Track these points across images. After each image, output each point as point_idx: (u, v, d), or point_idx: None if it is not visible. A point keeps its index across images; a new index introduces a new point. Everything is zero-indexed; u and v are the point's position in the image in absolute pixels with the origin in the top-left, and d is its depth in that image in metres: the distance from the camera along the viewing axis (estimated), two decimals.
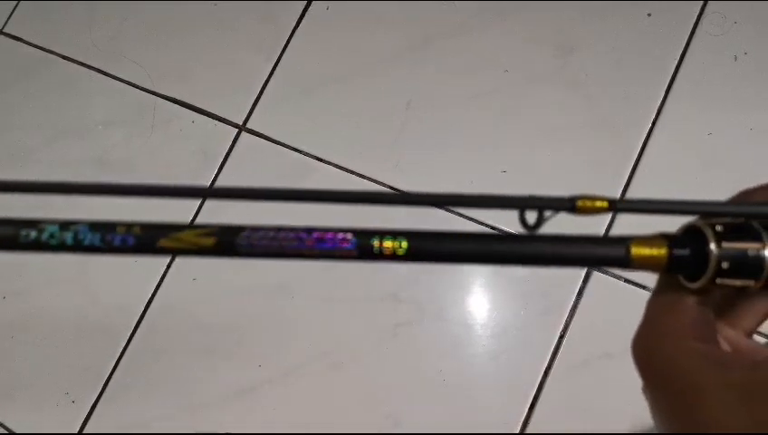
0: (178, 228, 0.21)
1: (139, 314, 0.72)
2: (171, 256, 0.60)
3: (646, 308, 0.23)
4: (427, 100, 0.73)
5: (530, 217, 0.21)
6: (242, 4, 0.80)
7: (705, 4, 0.69)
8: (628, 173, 0.67)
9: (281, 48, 0.78)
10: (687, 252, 0.20)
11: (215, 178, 0.75)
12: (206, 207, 0.72)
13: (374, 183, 0.71)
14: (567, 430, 0.61)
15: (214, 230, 0.21)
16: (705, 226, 0.20)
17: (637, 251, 0.20)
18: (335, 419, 0.65)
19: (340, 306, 0.68)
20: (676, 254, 0.20)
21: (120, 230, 0.21)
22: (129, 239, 0.20)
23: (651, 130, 0.67)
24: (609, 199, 0.21)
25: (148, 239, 0.21)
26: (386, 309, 0.67)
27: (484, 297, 0.66)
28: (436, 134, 0.72)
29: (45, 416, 0.70)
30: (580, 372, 0.63)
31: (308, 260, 0.21)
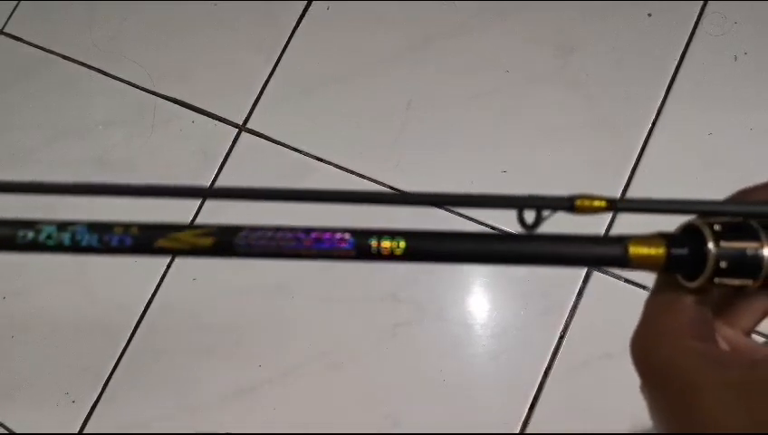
0: (176, 229, 0.21)
1: (138, 314, 0.72)
2: (170, 256, 0.61)
3: (644, 307, 0.23)
4: (427, 100, 0.73)
5: (528, 217, 0.21)
6: (242, 4, 0.80)
7: (705, 4, 0.69)
8: (629, 173, 0.67)
9: (281, 48, 0.78)
10: (686, 251, 0.20)
11: (215, 179, 0.75)
12: (206, 208, 0.72)
13: (374, 183, 0.71)
14: (567, 430, 0.61)
15: (212, 230, 0.21)
16: (704, 225, 0.20)
17: (635, 250, 0.20)
18: (334, 419, 0.65)
19: (340, 306, 0.68)
20: (675, 253, 0.20)
21: (118, 231, 0.21)
22: (127, 240, 0.20)
23: (651, 130, 0.67)
24: (608, 199, 0.21)
25: (146, 240, 0.21)
26: (385, 309, 0.67)
27: (484, 297, 0.66)
28: (436, 134, 0.72)
29: (45, 416, 0.70)
30: (580, 373, 0.63)
31: (306, 260, 0.21)
